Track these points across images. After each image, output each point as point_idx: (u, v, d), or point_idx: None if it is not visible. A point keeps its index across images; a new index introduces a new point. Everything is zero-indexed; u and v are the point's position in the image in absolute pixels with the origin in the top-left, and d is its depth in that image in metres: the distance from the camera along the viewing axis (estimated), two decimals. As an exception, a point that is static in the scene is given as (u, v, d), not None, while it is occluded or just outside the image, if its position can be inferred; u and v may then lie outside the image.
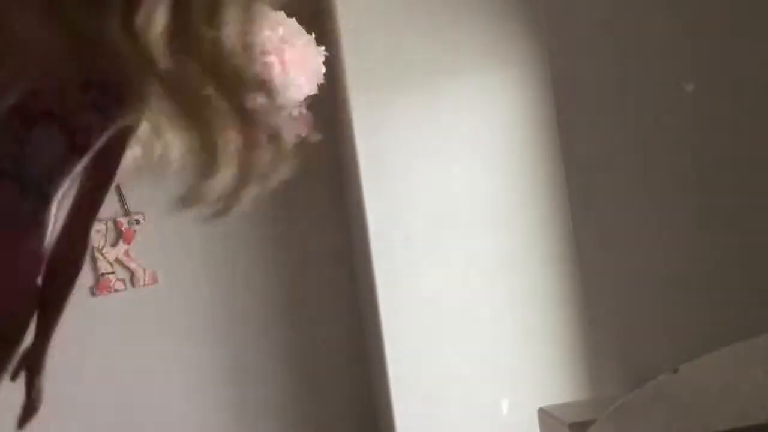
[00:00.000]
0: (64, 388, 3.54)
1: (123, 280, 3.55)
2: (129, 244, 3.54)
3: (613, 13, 1.95)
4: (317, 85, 2.79)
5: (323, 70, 2.77)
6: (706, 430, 1.01)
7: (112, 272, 3.54)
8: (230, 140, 0.94)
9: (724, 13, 1.54)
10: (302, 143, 3.37)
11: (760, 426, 0.92)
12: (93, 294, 3.54)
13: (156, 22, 0.90)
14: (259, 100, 0.97)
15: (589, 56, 2.12)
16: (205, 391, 3.61)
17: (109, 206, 3.55)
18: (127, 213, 3.54)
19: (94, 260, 3.53)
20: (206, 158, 0.95)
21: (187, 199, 1.01)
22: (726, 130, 1.52)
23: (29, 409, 1.07)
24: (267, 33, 2.60)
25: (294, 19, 2.73)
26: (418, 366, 3.12)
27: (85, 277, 3.56)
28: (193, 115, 0.93)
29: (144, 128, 1.03)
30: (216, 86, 0.91)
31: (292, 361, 3.65)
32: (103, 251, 3.53)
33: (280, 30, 2.63)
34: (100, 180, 1.10)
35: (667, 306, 1.83)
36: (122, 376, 3.57)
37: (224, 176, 0.97)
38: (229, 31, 0.90)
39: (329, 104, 3.40)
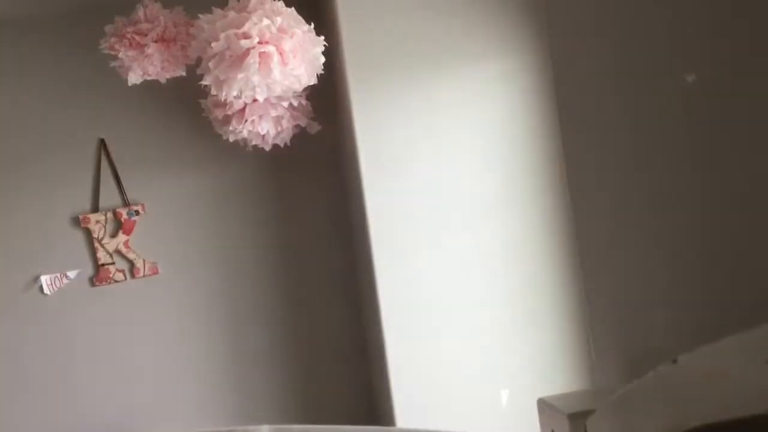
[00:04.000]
0: (64, 376, 3.55)
1: (123, 271, 3.55)
2: (128, 234, 3.54)
3: (615, 2, 1.94)
4: (317, 75, 2.78)
5: (323, 60, 2.76)
6: (705, 421, 1.00)
7: (112, 263, 3.54)
8: None
9: (727, 5, 1.53)
10: (302, 133, 3.37)
11: (761, 416, 0.92)
12: (93, 284, 3.54)
13: None
14: None
15: (590, 46, 2.12)
16: (205, 382, 3.61)
17: (109, 197, 3.54)
18: (126, 204, 3.54)
19: (94, 250, 3.53)
20: None
21: None
22: (727, 123, 1.52)
23: None
24: (266, 22, 2.59)
25: (293, 9, 2.72)
26: (418, 357, 3.12)
27: (84, 267, 3.58)
28: None
29: None
30: None
31: (292, 352, 3.65)
32: (103, 242, 3.53)
33: (279, 20, 2.62)
34: None
35: (667, 296, 1.83)
36: (121, 366, 3.57)
37: None
38: None
39: (329, 94, 3.40)
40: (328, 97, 3.40)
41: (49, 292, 3.53)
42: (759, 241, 1.17)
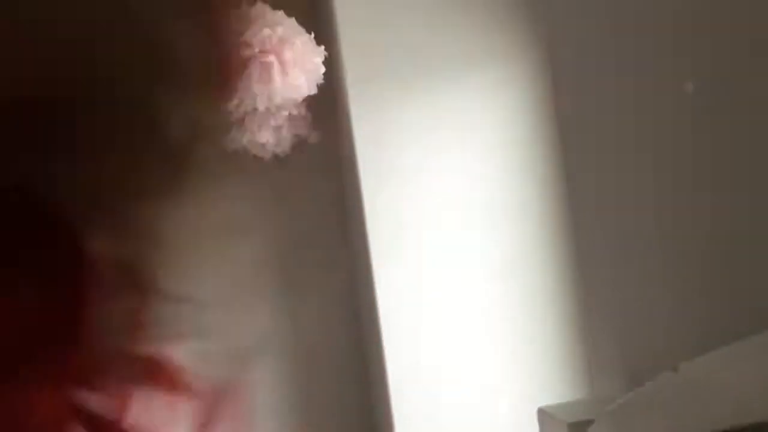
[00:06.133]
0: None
1: (122, 280, 3.55)
2: (128, 244, 3.54)
3: (615, 8, 1.95)
4: (316, 85, 2.79)
5: (323, 69, 2.77)
6: (706, 429, 1.00)
7: (111, 272, 3.54)
8: None
9: (726, 11, 1.54)
10: (302, 143, 3.37)
11: (761, 424, 0.92)
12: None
13: None
14: None
15: (591, 52, 2.13)
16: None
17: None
18: (125, 213, 3.54)
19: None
20: None
21: None
22: (726, 130, 1.52)
23: None
24: (266, 32, 2.60)
25: (293, 19, 2.73)
26: (417, 366, 3.11)
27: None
28: None
29: None
30: None
31: (288, 362, 3.65)
32: (102, 251, 3.53)
33: (279, 29, 2.64)
34: None
35: (667, 304, 1.83)
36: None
37: None
38: None
39: (328, 104, 3.40)
40: (327, 107, 3.40)
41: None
42: (759, 250, 1.17)
